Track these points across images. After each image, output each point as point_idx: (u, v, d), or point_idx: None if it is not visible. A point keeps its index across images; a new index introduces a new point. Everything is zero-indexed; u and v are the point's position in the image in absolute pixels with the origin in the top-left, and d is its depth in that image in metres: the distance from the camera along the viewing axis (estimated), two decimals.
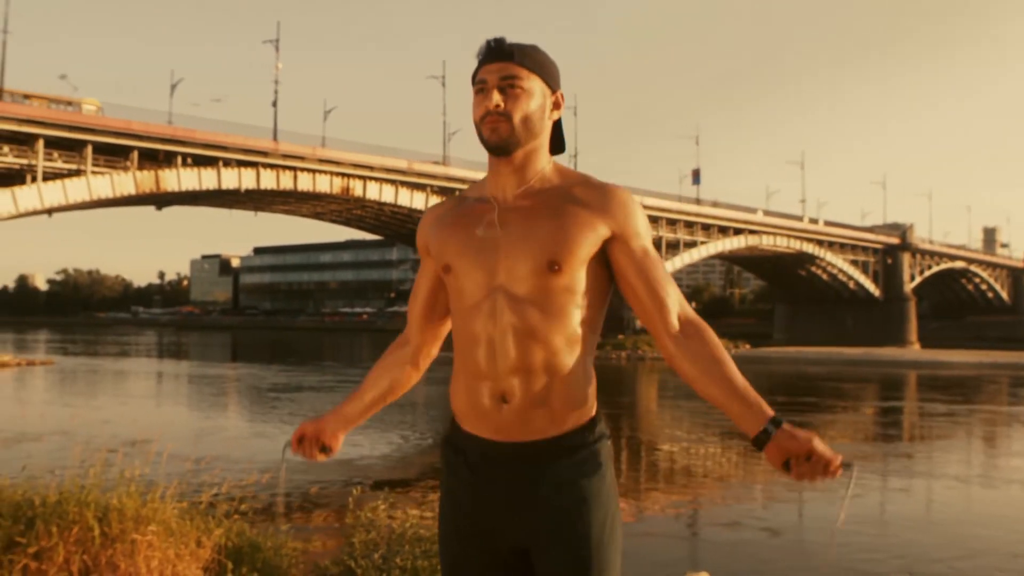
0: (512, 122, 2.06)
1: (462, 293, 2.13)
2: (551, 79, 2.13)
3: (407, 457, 17.70)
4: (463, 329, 2.13)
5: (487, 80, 2.08)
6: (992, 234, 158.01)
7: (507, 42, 2.09)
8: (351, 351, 69.15)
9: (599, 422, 2.14)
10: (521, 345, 2.04)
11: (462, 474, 2.15)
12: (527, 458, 2.07)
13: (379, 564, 4.95)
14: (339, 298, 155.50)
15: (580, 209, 2.07)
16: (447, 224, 2.18)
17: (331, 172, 56.54)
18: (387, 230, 73.56)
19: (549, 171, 2.15)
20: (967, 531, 11.10)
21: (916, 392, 36.25)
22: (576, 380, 2.08)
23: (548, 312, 2.05)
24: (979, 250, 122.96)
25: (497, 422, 2.08)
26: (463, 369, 2.14)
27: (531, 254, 2.05)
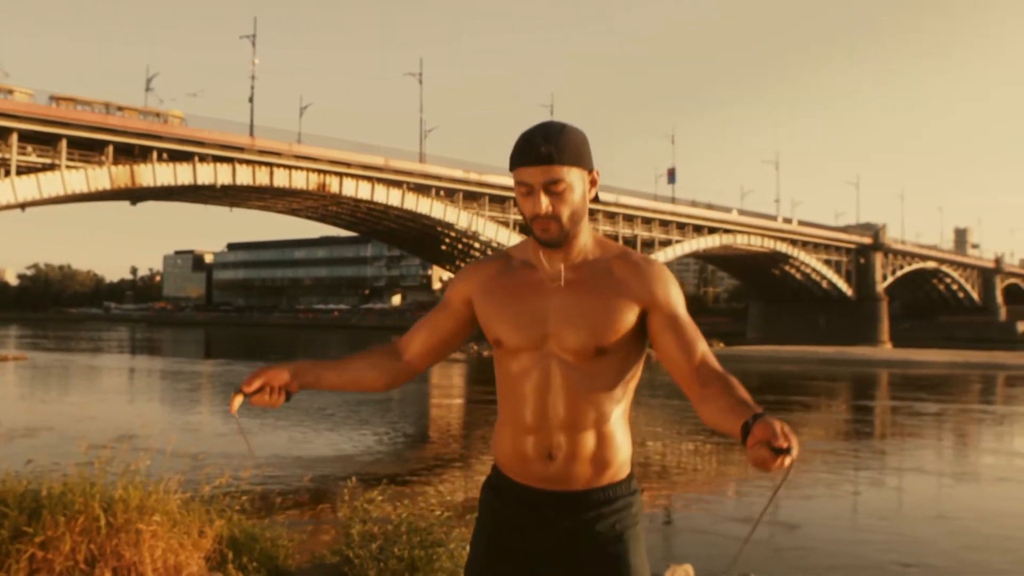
0: (561, 222, 2.20)
1: (513, 359, 2.26)
2: (587, 163, 2.24)
3: (393, 452, 17.78)
4: (512, 388, 2.27)
5: (532, 184, 2.19)
6: (963, 235, 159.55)
7: (543, 145, 2.18)
8: (325, 348, 69.01)
9: (634, 477, 2.31)
10: (570, 406, 2.20)
11: (505, 515, 2.30)
12: (567, 507, 2.23)
13: (376, 554, 5.06)
14: (313, 295, 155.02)
15: (622, 289, 2.23)
16: (497, 293, 2.31)
17: (307, 168, 56.41)
18: (363, 227, 73.46)
19: (591, 244, 2.30)
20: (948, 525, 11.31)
21: (888, 391, 36.61)
22: (617, 436, 2.25)
23: (596, 377, 2.21)
24: (950, 251, 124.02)
25: (542, 474, 2.23)
26: (510, 422, 2.28)
27: (580, 337, 2.20)
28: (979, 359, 53.10)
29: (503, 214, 67.89)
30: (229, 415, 2.28)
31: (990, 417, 25.59)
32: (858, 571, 8.26)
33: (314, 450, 16.35)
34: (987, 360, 52.49)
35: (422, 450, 18.21)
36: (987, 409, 27.63)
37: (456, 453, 17.38)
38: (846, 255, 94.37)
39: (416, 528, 5.23)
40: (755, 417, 1.87)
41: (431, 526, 5.30)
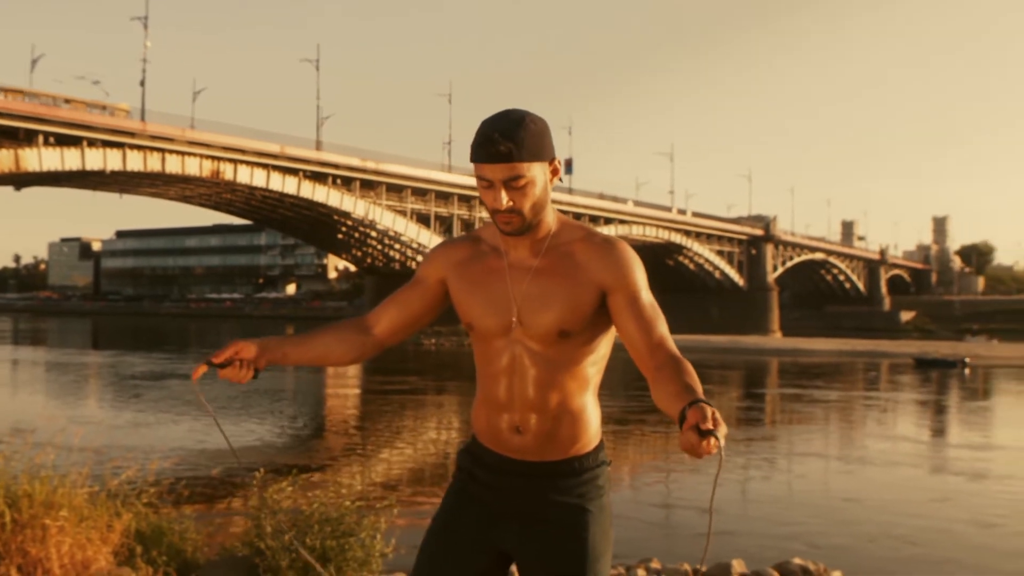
0: (523, 215, 2.25)
1: (484, 341, 2.34)
2: (548, 154, 2.27)
3: (295, 443, 17.64)
4: (487, 366, 2.35)
5: (492, 180, 2.22)
6: (850, 227, 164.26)
7: (503, 143, 2.19)
8: (218, 338, 67.87)
9: (602, 449, 2.39)
10: (538, 390, 2.29)
11: (479, 477, 2.40)
12: (535, 474, 2.33)
13: (288, 545, 5.04)
14: (205, 284, 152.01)
15: (584, 272, 2.29)
16: (467, 277, 2.38)
17: (201, 155, 55.22)
18: (258, 215, 72.34)
19: (555, 227, 2.36)
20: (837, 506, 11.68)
21: (780, 379, 37.57)
22: (584, 415, 2.34)
23: (561, 363, 2.29)
24: (838, 242, 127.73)
25: (512, 446, 2.33)
26: (484, 397, 2.37)
27: (544, 322, 2.27)
28: (864, 347, 54.86)
29: (400, 203, 67.58)
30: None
31: (876, 404, 26.48)
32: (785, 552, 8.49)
33: (217, 442, 16.11)
34: (872, 348, 54.24)
35: (322, 441, 18.09)
36: (873, 396, 28.56)
37: (356, 444, 17.31)
38: (738, 246, 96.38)
39: (328, 518, 5.23)
40: (692, 403, 1.87)
41: (342, 516, 5.30)
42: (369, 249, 73.04)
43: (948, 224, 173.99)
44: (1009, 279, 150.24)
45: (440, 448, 16.94)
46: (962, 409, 26.38)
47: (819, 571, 7.38)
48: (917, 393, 29.38)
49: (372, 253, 73.61)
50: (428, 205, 70.17)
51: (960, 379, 36.44)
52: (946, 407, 26.86)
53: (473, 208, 73.51)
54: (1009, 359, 48.48)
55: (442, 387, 30.46)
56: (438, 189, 70.55)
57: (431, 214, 70.26)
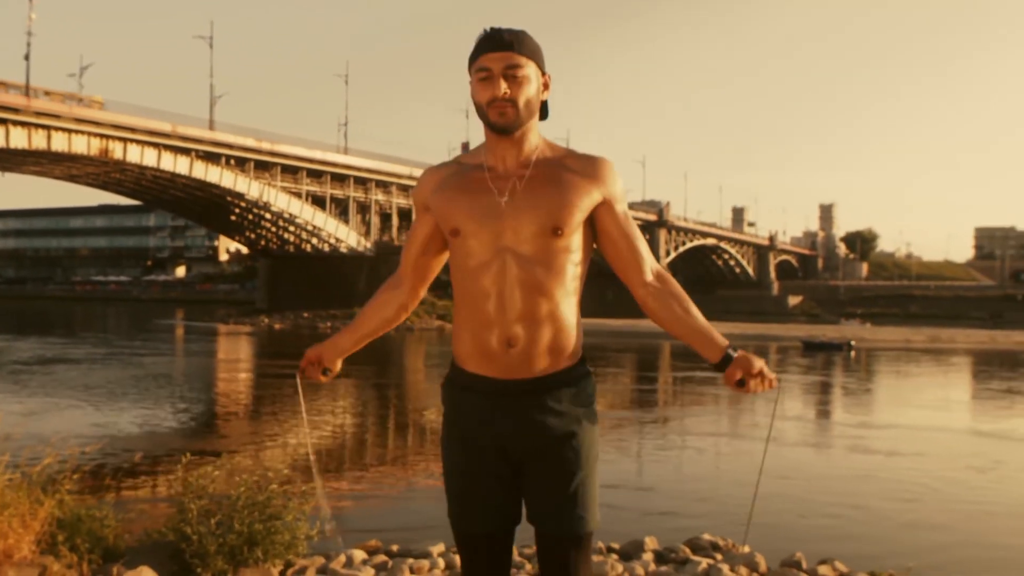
0: (517, 107, 2.35)
1: (469, 253, 2.41)
2: (542, 63, 2.43)
3: (195, 427, 17.37)
4: (470, 284, 2.42)
5: (491, 68, 2.35)
6: (740, 213, 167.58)
7: (507, 34, 2.36)
8: (105, 321, 66.20)
9: (585, 361, 2.50)
10: (527, 297, 2.37)
11: (469, 404, 2.47)
12: (530, 392, 2.41)
13: (214, 530, 5.01)
14: (91, 266, 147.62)
15: (575, 178, 2.40)
16: (451, 189, 2.45)
17: (89, 133, 53.49)
18: (148, 195, 70.50)
19: (541, 144, 2.46)
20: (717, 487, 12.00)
21: (671, 361, 38.27)
22: (571, 325, 2.44)
23: (550, 268, 2.38)
24: (729, 228, 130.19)
25: (504, 363, 2.40)
26: (470, 319, 2.44)
27: (536, 220, 2.36)
28: (754, 331, 56.25)
29: (296, 185, 66.68)
30: None
31: None
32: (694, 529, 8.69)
33: (121, 428, 15.78)
34: (762, 332, 55.66)
35: (221, 425, 17.82)
36: None
37: (256, 428, 17.12)
38: None
39: (254, 502, 5.21)
40: (732, 348, 2.38)
41: (268, 499, 5.29)
42: (263, 231, 71.86)
43: (834, 212, 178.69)
44: (891, 265, 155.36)
45: (341, 431, 16.86)
46: (849, 390, 27.29)
47: (728, 546, 7.59)
48: (807, 375, 30.26)
49: (266, 235, 72.45)
50: (324, 187, 69.36)
51: (846, 361, 37.61)
52: (836, 388, 27.75)
53: (369, 191, 72.97)
54: (891, 342, 50.25)
55: None
56: (334, 171, 69.79)
57: (327, 196, 69.48)
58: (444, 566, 6.48)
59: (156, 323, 61.98)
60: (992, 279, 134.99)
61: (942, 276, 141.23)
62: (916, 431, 17.01)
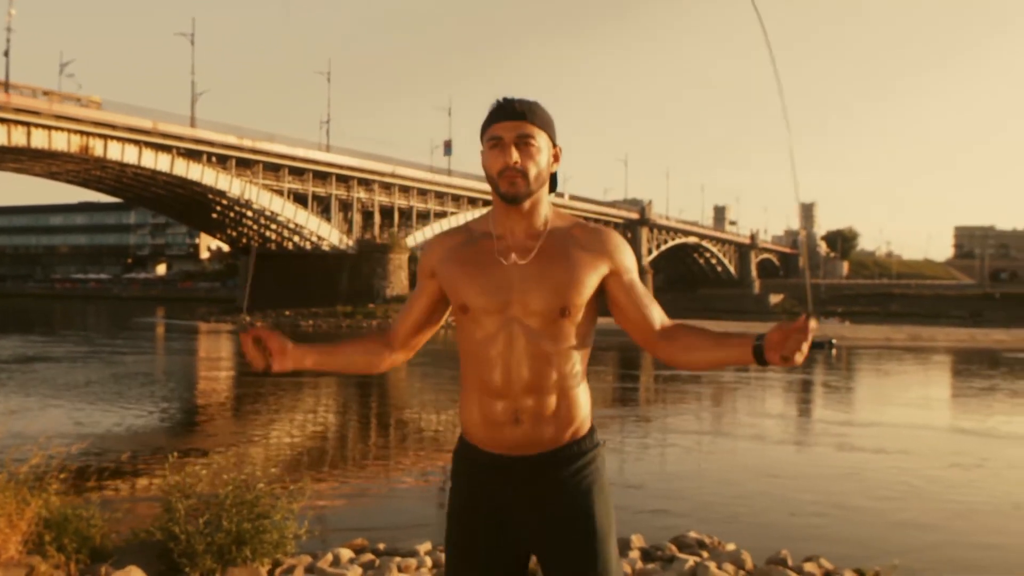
0: (528, 177, 2.34)
1: (477, 325, 2.38)
2: (554, 135, 2.42)
3: (187, 426, 17.28)
4: (478, 355, 2.39)
5: (503, 137, 2.34)
6: (722, 212, 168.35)
7: (519, 105, 2.36)
8: (86, 320, 65.81)
9: (595, 431, 2.47)
10: (534, 369, 2.35)
11: (478, 484, 2.44)
12: (539, 468, 2.38)
13: (203, 529, 4.99)
14: (71, 264, 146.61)
15: (583, 253, 2.40)
16: (459, 260, 2.43)
17: (69, 130, 53.08)
18: (129, 193, 70.10)
19: (551, 215, 2.45)
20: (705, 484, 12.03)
21: (651, 359, 38.27)
22: (579, 395, 2.42)
23: (558, 341, 2.36)
24: (710, 227, 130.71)
25: (510, 437, 2.38)
26: (477, 390, 2.41)
27: (545, 298, 2.35)
28: (736, 329, 56.15)
29: (277, 182, 66.43)
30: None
31: (751, 384, 27.26)
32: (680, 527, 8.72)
33: (104, 427, 15.68)
34: (743, 330, 55.53)
35: (205, 424, 17.74)
36: (746, 377, 29.36)
37: (239, 427, 17.05)
38: (615, 229, 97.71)
39: (243, 501, 5.19)
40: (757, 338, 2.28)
41: (257, 498, 5.27)
42: (245, 229, 71.57)
43: (815, 210, 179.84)
44: (871, 264, 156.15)
45: (324, 430, 16.83)
46: (832, 388, 27.40)
47: (714, 544, 7.62)
48: (789, 374, 30.32)
49: (248, 233, 72.14)
50: (306, 185, 69.12)
51: (828, 359, 37.74)
52: (818, 386, 27.85)
53: (351, 189, 72.75)
54: (872, 340, 50.48)
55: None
56: (316, 169, 69.55)
57: (308, 194, 69.25)
58: (431, 564, 6.48)
59: (137, 321, 61.64)
60: (972, 278, 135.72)
61: (922, 275, 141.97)
62: (900, 429, 17.09)
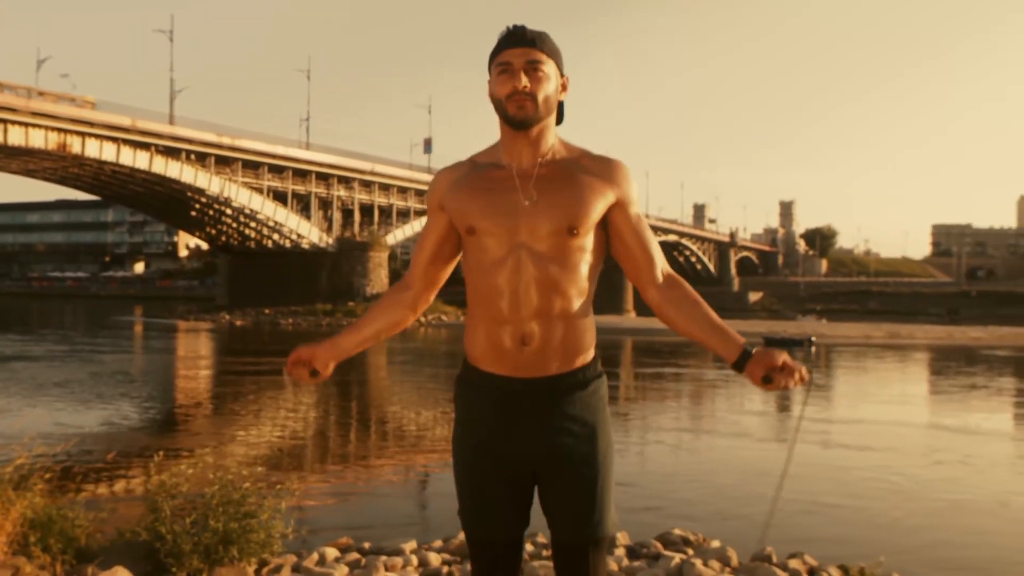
0: (536, 101, 2.35)
1: (484, 251, 2.39)
2: (561, 64, 2.44)
3: (170, 425, 17.17)
4: (485, 282, 2.40)
5: (512, 63, 2.35)
6: (702, 210, 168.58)
7: (528, 31, 2.37)
8: (63, 318, 65.38)
9: (598, 360, 2.50)
10: (542, 295, 2.35)
11: (483, 406, 2.45)
12: (544, 392, 2.40)
13: (189, 529, 4.97)
14: (48, 262, 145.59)
15: (591, 179, 2.40)
16: (466, 188, 2.43)
17: (47, 127, 52.64)
18: (107, 190, 69.63)
19: (557, 144, 2.45)
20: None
21: (635, 357, 38.40)
22: (584, 324, 2.44)
23: (565, 267, 2.37)
24: (690, 225, 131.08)
25: (517, 361, 2.38)
26: (484, 316, 2.42)
27: (553, 219, 2.35)
28: None
29: (257, 180, 66.17)
30: None
31: (732, 382, 27.34)
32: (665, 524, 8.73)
33: (86, 427, 15.57)
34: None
35: (187, 423, 17.65)
36: (730, 375, 29.46)
37: (221, 425, 16.97)
38: None
39: (229, 500, 5.16)
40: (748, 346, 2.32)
41: (243, 497, 5.24)
42: (224, 227, 71.27)
43: (794, 208, 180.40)
44: (850, 262, 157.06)
45: (306, 428, 16.76)
46: (813, 385, 27.45)
47: (699, 541, 7.64)
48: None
49: (227, 231, 71.85)
50: (285, 183, 68.90)
51: (807, 357, 37.89)
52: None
53: (331, 186, 72.56)
54: (851, 338, 50.72)
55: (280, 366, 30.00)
56: (296, 166, 69.33)
57: (288, 192, 69.04)
58: (417, 563, 6.47)
59: (115, 320, 61.29)
60: (949, 275, 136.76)
61: (900, 272, 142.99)
62: (883, 426, 17.17)
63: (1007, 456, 14.45)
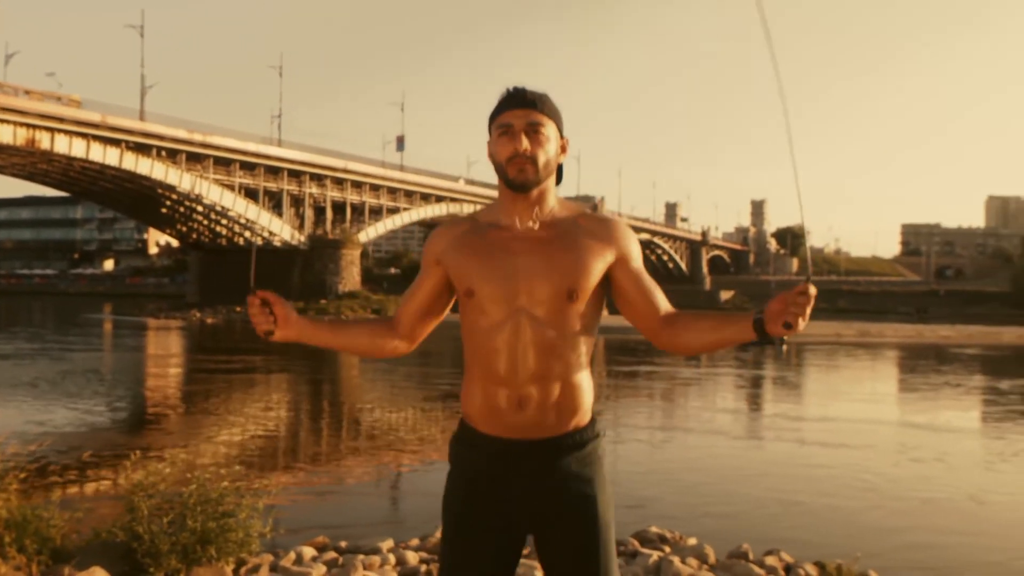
0: (537, 164, 2.36)
1: (483, 313, 2.38)
2: (561, 126, 2.43)
3: (143, 423, 17.03)
4: (482, 343, 2.39)
5: (513, 124, 2.35)
6: (674, 209, 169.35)
7: (530, 94, 2.36)
8: (32, 316, 64.79)
9: (597, 421, 2.49)
10: (540, 359, 2.35)
11: (478, 465, 2.43)
12: (540, 453, 2.39)
13: (167, 529, 4.92)
14: (16, 259, 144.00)
15: (591, 241, 2.41)
16: (466, 248, 2.43)
17: (15, 122, 52.04)
18: (76, 187, 69.06)
19: (556, 206, 2.46)
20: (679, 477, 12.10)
21: (607, 355, 38.46)
22: (582, 385, 2.43)
23: (564, 331, 2.37)
24: (662, 223, 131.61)
25: (514, 423, 2.37)
26: (481, 377, 2.41)
27: (552, 283, 2.35)
28: None
29: (228, 177, 65.81)
30: None
31: (706, 380, 27.48)
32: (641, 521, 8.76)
33: (59, 425, 15.40)
34: None
35: (164, 422, 17.50)
36: (704, 372, 29.60)
37: (194, 424, 16.85)
38: None
39: (207, 499, 5.12)
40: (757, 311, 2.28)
41: (221, 496, 5.20)
42: (195, 224, 70.85)
43: (765, 208, 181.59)
44: (821, 261, 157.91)
45: (279, 427, 16.68)
46: (786, 383, 27.66)
47: (675, 538, 7.66)
48: (740, 369, 30.60)
49: (198, 228, 71.42)
50: (257, 180, 68.58)
51: (778, 355, 38.04)
52: (771, 382, 28.13)
53: (303, 184, 72.27)
54: (822, 336, 50.98)
55: (270, 364, 29.93)
56: (267, 163, 69.03)
57: (260, 189, 68.72)
58: (395, 562, 6.45)
59: (85, 317, 60.73)
60: (918, 275, 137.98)
61: (870, 271, 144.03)
62: (856, 424, 17.25)
63: (981, 454, 14.55)
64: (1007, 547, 8.66)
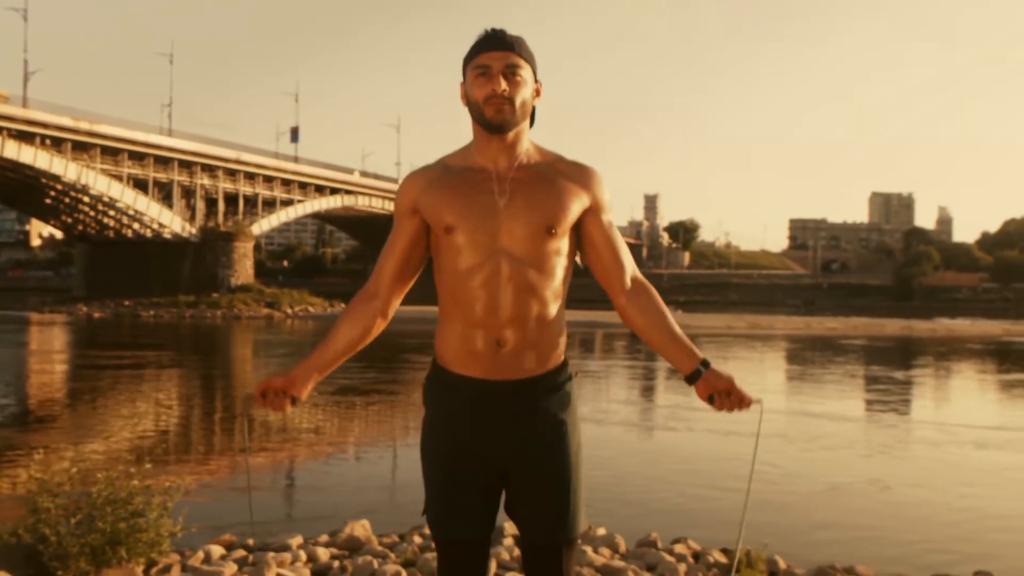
0: (514, 105, 2.35)
1: (461, 253, 2.38)
2: (536, 70, 2.44)
3: (36, 421, 16.45)
4: (459, 285, 2.39)
5: (491, 66, 2.35)
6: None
7: (507, 35, 2.37)
8: None
9: (568, 363, 2.51)
10: (518, 299, 2.37)
11: (456, 407, 2.44)
12: (517, 394, 2.40)
13: (75, 530, 4.75)
14: None
15: (567, 182, 2.43)
16: (442, 188, 2.41)
17: None
18: None
19: (532, 148, 2.46)
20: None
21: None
22: (558, 327, 2.46)
23: (542, 271, 2.38)
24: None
25: (491, 364, 2.39)
26: (457, 319, 2.41)
27: (531, 219, 2.36)
28: (583, 318, 57.15)
29: (116, 167, 64.17)
30: None
31: (593, 371, 27.76)
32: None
33: None
34: (590, 319, 56.54)
35: (57, 420, 16.93)
36: (597, 364, 29.90)
37: (87, 421, 16.36)
38: None
39: (116, 499, 4.96)
40: (703, 363, 2.44)
41: (131, 496, 5.05)
42: (81, 215, 68.90)
43: (659, 202, 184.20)
44: (711, 254, 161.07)
45: (171, 422, 16.30)
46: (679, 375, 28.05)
47: (585, 529, 7.71)
48: (634, 360, 30.98)
49: (84, 220, 69.49)
50: (147, 170, 67.03)
51: None
52: (667, 373, 28.52)
53: (194, 175, 70.89)
54: (714, 328, 52.07)
55: (161, 359, 29.26)
56: (157, 153, 67.53)
57: (149, 179, 67.17)
58: (306, 559, 6.37)
59: None
60: (805, 268, 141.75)
61: (759, 265, 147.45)
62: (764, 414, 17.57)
63: (884, 441, 14.96)
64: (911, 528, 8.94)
